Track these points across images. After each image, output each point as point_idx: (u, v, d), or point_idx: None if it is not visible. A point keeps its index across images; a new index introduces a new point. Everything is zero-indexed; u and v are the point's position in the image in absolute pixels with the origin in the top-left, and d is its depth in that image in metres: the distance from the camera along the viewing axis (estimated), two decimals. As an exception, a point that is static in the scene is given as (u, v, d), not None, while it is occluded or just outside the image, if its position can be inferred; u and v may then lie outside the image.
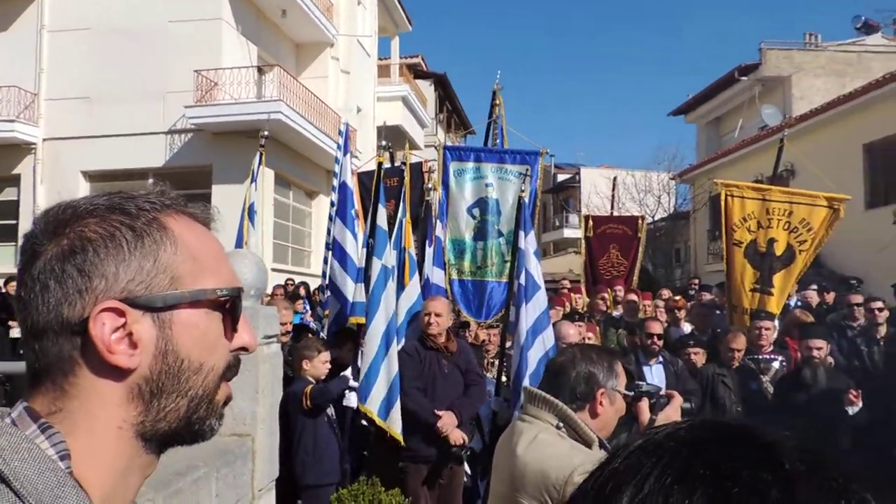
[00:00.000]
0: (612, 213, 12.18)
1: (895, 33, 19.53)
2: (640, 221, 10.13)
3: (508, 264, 5.97)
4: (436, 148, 7.86)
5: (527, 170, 6.30)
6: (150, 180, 12.90)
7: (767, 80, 20.70)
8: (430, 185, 7.58)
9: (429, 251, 7.09)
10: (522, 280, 4.99)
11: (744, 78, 21.10)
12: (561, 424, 2.00)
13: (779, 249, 5.96)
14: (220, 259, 0.78)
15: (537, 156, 6.98)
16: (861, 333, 6.93)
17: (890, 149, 13.91)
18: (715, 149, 22.55)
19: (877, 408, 4.97)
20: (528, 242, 5.14)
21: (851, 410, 5.02)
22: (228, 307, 0.75)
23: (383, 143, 6.30)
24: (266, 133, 7.72)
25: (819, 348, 5.26)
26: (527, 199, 5.49)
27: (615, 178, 14.68)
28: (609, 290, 7.92)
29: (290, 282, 11.65)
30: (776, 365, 5.62)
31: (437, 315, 4.90)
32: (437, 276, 6.42)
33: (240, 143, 13.36)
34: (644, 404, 2.31)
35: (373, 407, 4.65)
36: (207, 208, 0.81)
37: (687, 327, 7.49)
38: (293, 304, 7.25)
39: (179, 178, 13.72)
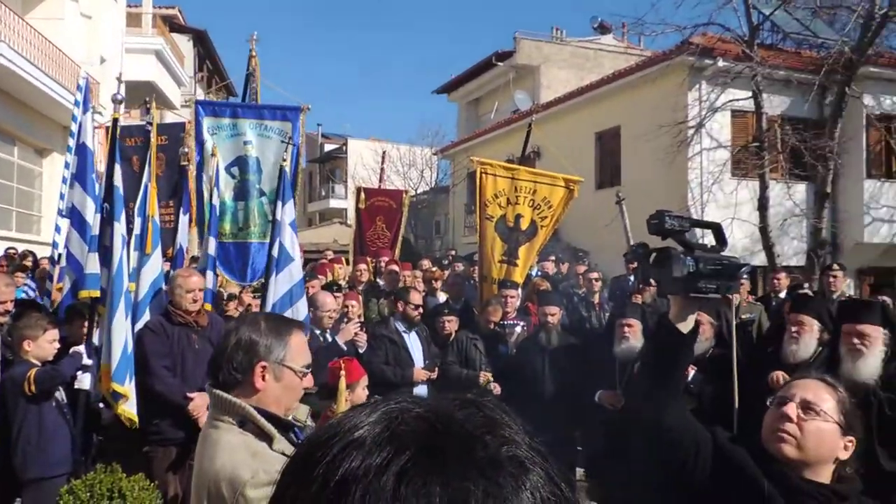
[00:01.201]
0: (380, 185, 12.42)
1: (623, 36, 22.24)
2: (403, 195, 10.45)
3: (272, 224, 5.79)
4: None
5: (288, 137, 6.13)
6: None
7: (520, 68, 22.45)
8: (185, 150, 7.03)
9: (183, 219, 6.61)
10: (276, 252, 4.89)
11: (500, 64, 22.66)
12: (243, 422, 1.73)
13: (524, 224, 6.54)
14: None
15: (298, 111, 6.77)
16: (582, 300, 7.91)
17: (615, 137, 15.92)
18: (474, 128, 23.98)
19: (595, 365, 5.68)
20: (286, 213, 5.03)
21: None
22: None
23: (146, 99, 5.70)
24: (-23, 76, 6.55)
25: (552, 314, 5.89)
26: (287, 169, 5.35)
27: (384, 153, 14.96)
28: (369, 260, 8.08)
29: (13, 250, 10.16)
30: (519, 329, 6.18)
31: (201, 290, 4.68)
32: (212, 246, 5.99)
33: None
34: None
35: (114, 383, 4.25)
36: None
37: (442, 296, 7.93)
38: (13, 276, 6.30)
39: None
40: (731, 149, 13.83)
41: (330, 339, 5.37)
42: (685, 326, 1.70)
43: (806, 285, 8.42)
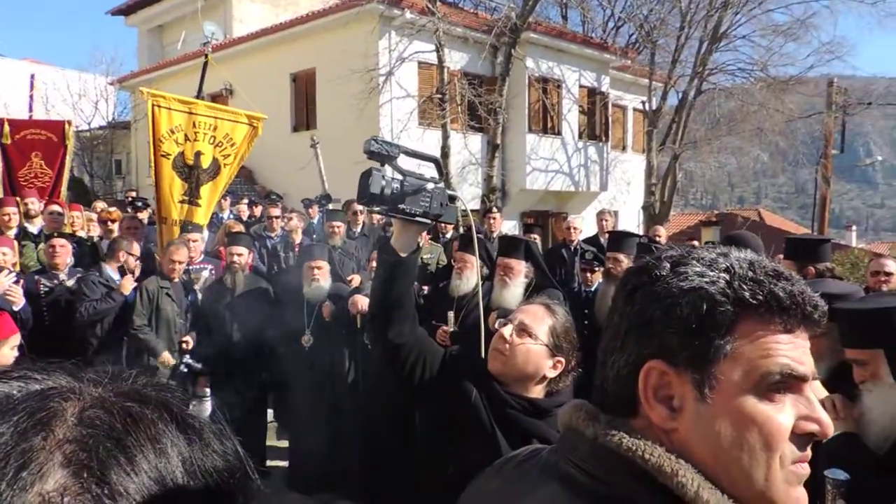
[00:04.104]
0: (30, 116, 10.61)
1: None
2: (66, 126, 9.09)
3: None
4: None
5: None
6: None
7: (210, -3, 20.85)
8: None
9: None
10: None
11: (188, -11, 20.75)
12: None
13: (205, 162, 6.14)
14: None
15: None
16: (281, 241, 7.83)
17: (310, 80, 15.78)
18: (158, 58, 21.78)
19: (285, 308, 5.68)
20: None
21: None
22: None
23: None
24: None
25: (240, 255, 5.70)
26: None
27: (33, 76, 12.79)
28: (19, 201, 6.93)
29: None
30: (206, 273, 5.89)
31: None
32: None
33: None
34: None
35: None
36: None
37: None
38: None
39: None
40: (418, 99, 14.65)
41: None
42: (405, 250, 1.77)
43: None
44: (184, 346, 5.18)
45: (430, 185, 1.70)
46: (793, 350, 0.76)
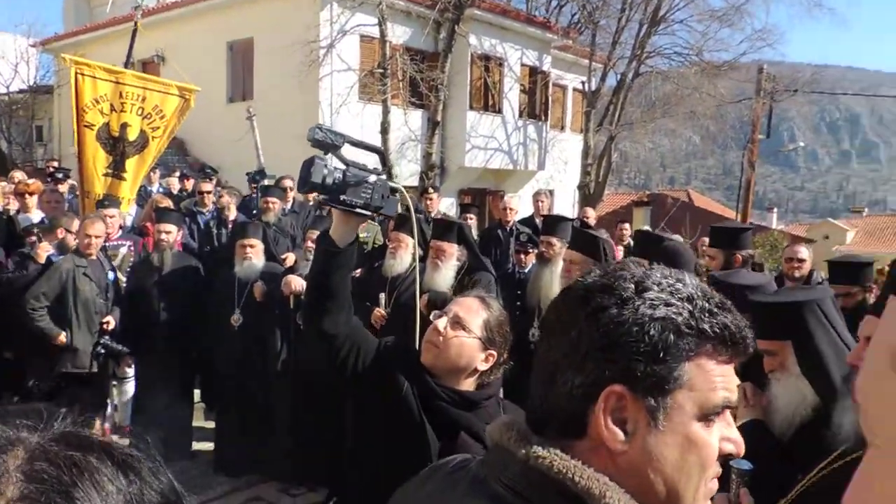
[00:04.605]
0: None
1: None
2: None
3: None
4: None
5: None
6: None
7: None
8: None
9: None
10: None
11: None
12: None
13: (132, 135, 5.89)
14: None
15: None
16: (214, 217, 7.58)
17: (248, 50, 15.30)
18: (85, 21, 20.69)
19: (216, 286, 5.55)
20: None
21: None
22: None
23: None
24: None
25: (168, 232, 5.52)
26: None
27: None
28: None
29: None
30: (124, 250, 5.69)
31: None
32: None
33: None
34: None
35: None
36: None
37: (38, 214, 6.84)
38: None
39: None
40: (359, 73, 14.43)
41: None
42: (343, 241, 1.76)
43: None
44: (104, 326, 5.00)
45: (372, 178, 1.70)
46: (731, 380, 0.82)
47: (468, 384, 1.86)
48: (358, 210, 1.70)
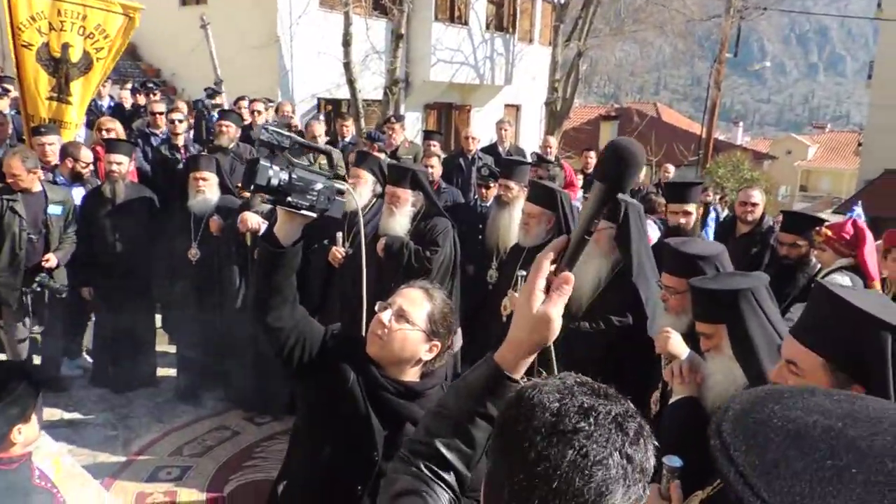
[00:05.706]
0: None
1: None
2: None
3: None
4: None
5: None
6: None
7: None
8: None
9: None
10: None
11: None
12: None
13: (74, 56, 5.57)
14: None
15: None
16: (165, 141, 7.26)
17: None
18: None
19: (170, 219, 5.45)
20: None
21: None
22: None
23: None
24: None
25: (119, 163, 5.35)
26: None
27: None
28: None
29: None
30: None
31: None
32: None
33: None
34: None
35: None
36: None
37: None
38: None
39: None
40: (319, -21, 13.72)
41: None
42: (288, 240, 1.76)
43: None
44: (44, 264, 4.92)
45: (318, 183, 1.70)
46: None
47: (413, 374, 1.90)
48: (303, 211, 1.70)
